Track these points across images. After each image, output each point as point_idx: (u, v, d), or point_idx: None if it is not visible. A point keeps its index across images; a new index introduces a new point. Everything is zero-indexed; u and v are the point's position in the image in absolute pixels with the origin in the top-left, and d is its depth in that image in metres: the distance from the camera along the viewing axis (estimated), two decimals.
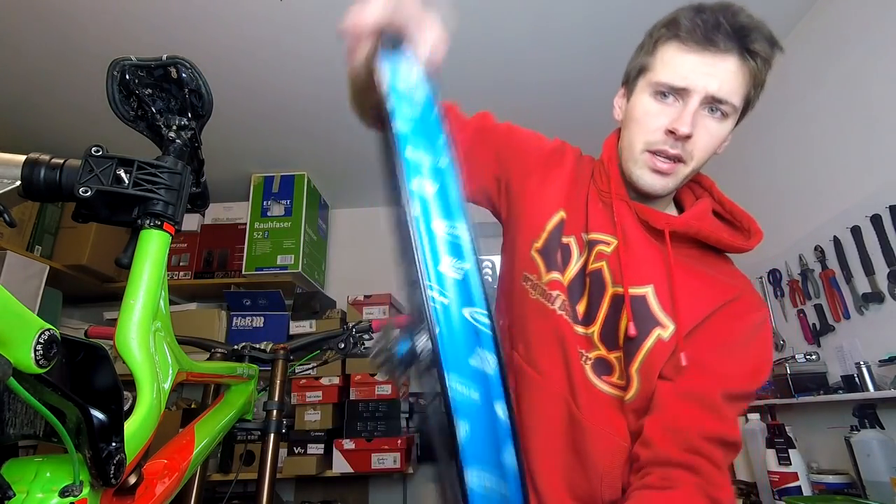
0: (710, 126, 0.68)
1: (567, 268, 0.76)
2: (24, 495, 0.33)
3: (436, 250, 0.28)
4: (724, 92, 0.66)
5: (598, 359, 0.72)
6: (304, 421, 2.25)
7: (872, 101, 1.49)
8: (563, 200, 0.80)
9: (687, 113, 0.66)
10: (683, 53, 0.67)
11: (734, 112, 0.68)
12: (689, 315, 0.69)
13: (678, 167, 0.70)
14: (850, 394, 1.41)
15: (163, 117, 0.58)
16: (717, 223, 0.77)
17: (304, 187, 2.73)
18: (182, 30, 1.79)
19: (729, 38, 0.65)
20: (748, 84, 0.68)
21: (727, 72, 0.66)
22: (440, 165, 0.30)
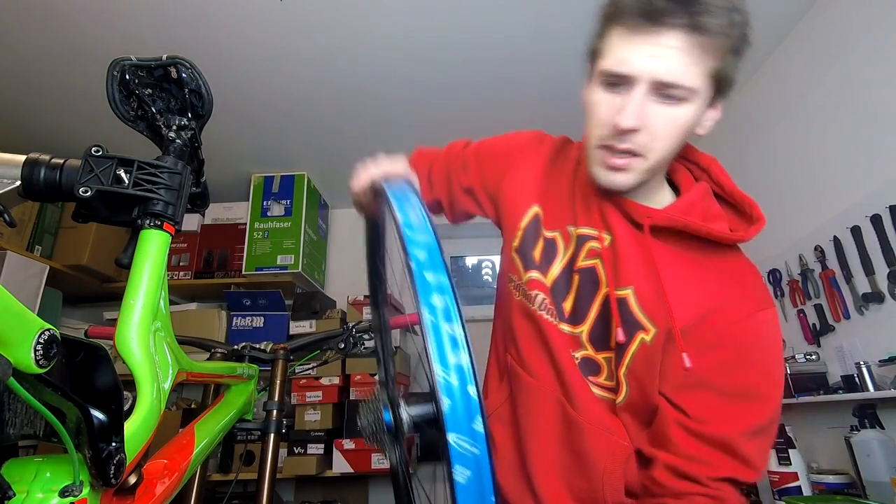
0: (666, 113, 0.60)
1: (552, 264, 0.73)
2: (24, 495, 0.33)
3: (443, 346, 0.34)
4: (673, 75, 0.58)
5: (585, 358, 0.70)
6: (304, 421, 2.25)
7: (872, 101, 1.49)
8: (536, 195, 0.77)
9: (631, 104, 0.59)
10: (627, 35, 0.60)
11: (693, 94, 0.60)
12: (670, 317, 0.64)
13: (634, 162, 0.63)
14: (850, 394, 1.41)
15: (163, 117, 0.58)
16: (715, 209, 0.70)
17: (304, 187, 2.73)
18: (182, 30, 1.79)
19: (672, 13, 0.56)
20: (707, 60, 0.58)
21: (674, 52, 0.57)
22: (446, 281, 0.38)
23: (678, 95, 0.59)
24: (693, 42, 0.57)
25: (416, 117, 2.36)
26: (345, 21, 1.77)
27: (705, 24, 0.56)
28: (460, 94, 2.18)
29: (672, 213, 0.66)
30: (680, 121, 0.61)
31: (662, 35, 0.57)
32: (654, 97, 0.60)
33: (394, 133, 2.48)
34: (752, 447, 0.61)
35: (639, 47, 0.58)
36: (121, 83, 0.57)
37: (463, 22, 1.76)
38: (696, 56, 0.58)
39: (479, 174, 0.85)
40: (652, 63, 0.58)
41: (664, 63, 0.58)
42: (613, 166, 0.64)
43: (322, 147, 2.58)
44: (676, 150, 0.65)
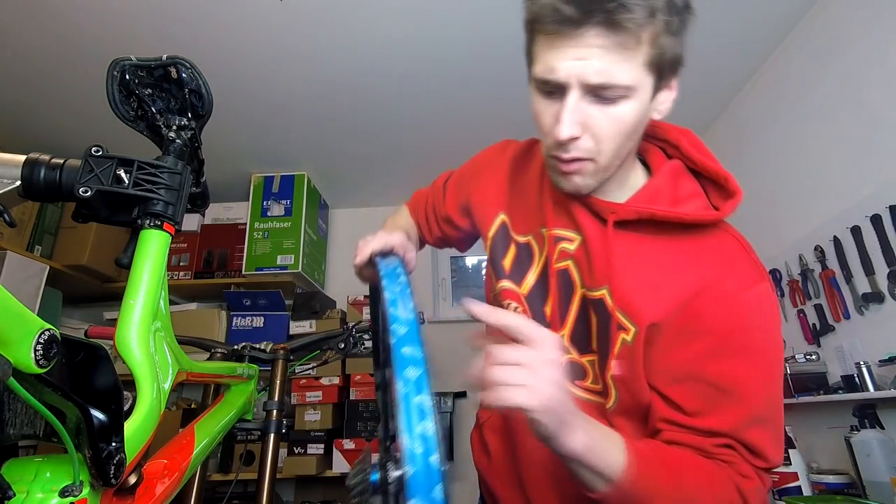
0: (606, 114, 0.57)
1: (528, 270, 0.72)
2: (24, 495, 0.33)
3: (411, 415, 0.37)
4: (602, 76, 0.54)
5: (569, 363, 0.68)
6: (304, 421, 2.25)
7: (872, 101, 1.49)
8: (502, 203, 0.77)
9: (565, 113, 0.57)
10: (550, 41, 0.56)
11: (630, 90, 0.56)
12: (647, 313, 0.61)
13: (585, 166, 0.61)
14: (850, 394, 1.41)
15: (163, 117, 0.58)
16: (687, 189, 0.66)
17: (304, 187, 2.73)
18: (182, 30, 1.79)
19: (587, 15, 0.53)
20: (636, 53, 0.55)
21: (598, 52, 0.54)
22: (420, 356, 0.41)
23: (614, 95, 0.56)
24: (615, 40, 0.54)
25: (416, 117, 2.36)
26: (345, 21, 1.77)
27: (622, 20, 0.53)
28: (460, 93, 2.18)
29: (637, 205, 0.64)
30: (623, 118, 0.58)
31: (583, 38, 0.54)
32: (589, 99, 0.57)
33: (394, 133, 2.48)
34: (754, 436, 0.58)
35: (562, 52, 0.56)
36: (121, 83, 0.57)
37: (463, 21, 1.76)
38: (622, 53, 0.54)
39: (453, 200, 0.88)
40: (578, 67, 0.55)
41: (590, 66, 0.55)
42: (566, 172, 0.62)
43: (322, 147, 2.59)
44: (631, 143, 0.62)
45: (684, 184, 0.66)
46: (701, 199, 0.65)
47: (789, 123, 1.87)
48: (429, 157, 2.70)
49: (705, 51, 1.94)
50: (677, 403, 0.60)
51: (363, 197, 3.12)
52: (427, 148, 2.62)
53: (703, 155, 0.67)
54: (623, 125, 0.58)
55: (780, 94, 1.94)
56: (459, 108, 2.28)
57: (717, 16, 1.77)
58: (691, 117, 2.42)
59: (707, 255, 0.62)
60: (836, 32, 1.65)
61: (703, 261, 0.62)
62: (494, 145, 0.87)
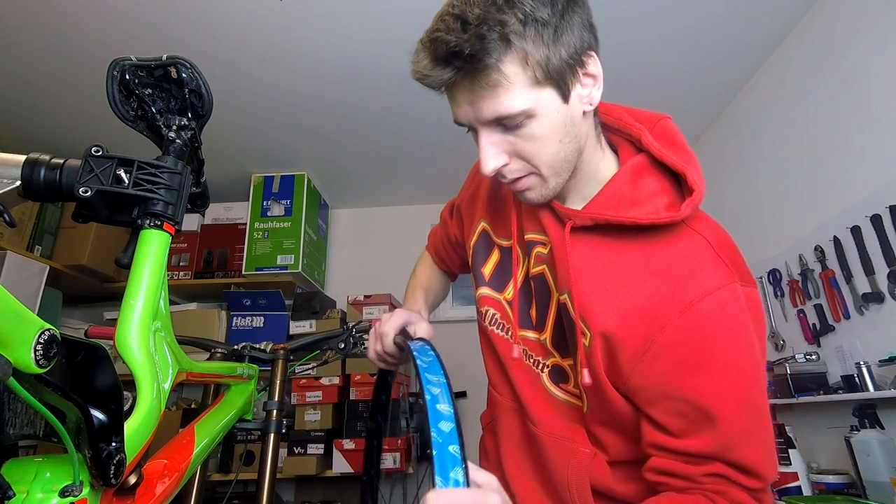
0: (522, 136, 0.57)
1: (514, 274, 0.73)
2: (24, 495, 0.33)
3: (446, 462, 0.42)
4: (493, 114, 0.55)
5: (555, 366, 0.69)
6: (304, 421, 2.25)
7: (872, 101, 1.49)
8: (483, 210, 0.80)
9: (482, 150, 0.58)
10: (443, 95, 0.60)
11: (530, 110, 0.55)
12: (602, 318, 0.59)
13: (529, 180, 0.61)
14: (850, 394, 1.41)
15: (163, 117, 0.58)
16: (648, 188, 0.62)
17: (304, 187, 2.73)
18: (182, 30, 1.79)
19: (450, 72, 0.54)
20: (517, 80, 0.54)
21: (478, 97, 0.55)
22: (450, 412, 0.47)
23: (515, 122, 0.56)
24: (485, 82, 0.53)
25: (416, 116, 2.36)
26: (345, 20, 1.77)
27: (481, 67, 0.52)
28: None
29: (592, 211, 0.62)
30: (542, 133, 0.57)
31: (457, 92, 0.57)
32: (499, 130, 0.58)
33: (394, 132, 2.48)
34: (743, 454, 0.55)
35: (454, 101, 0.59)
36: (121, 83, 0.57)
37: None
38: (496, 90, 0.54)
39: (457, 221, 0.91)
40: (469, 111, 0.57)
41: (478, 109, 0.56)
42: (518, 190, 0.63)
43: (322, 147, 2.59)
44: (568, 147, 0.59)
45: (645, 182, 0.63)
46: (664, 197, 0.61)
47: (789, 123, 1.87)
48: (429, 157, 2.70)
49: (705, 51, 1.94)
50: (661, 424, 0.59)
51: (363, 197, 3.12)
52: (427, 148, 2.62)
53: (668, 147, 0.63)
54: (542, 140, 0.57)
55: (779, 95, 1.94)
56: None
57: (718, 16, 1.77)
58: (691, 117, 2.42)
59: (667, 260, 0.59)
60: (835, 33, 1.65)
61: (662, 267, 0.59)
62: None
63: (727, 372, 0.55)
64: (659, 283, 0.58)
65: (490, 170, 0.59)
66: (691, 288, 0.56)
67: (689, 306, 0.55)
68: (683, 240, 0.60)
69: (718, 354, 0.55)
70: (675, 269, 0.58)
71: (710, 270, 0.57)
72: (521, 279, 0.72)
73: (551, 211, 0.67)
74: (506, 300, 0.74)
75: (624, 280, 0.60)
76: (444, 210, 0.97)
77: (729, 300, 0.56)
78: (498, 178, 0.63)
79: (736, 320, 0.56)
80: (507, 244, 0.75)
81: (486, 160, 0.59)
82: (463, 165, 0.92)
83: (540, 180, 0.61)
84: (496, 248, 0.77)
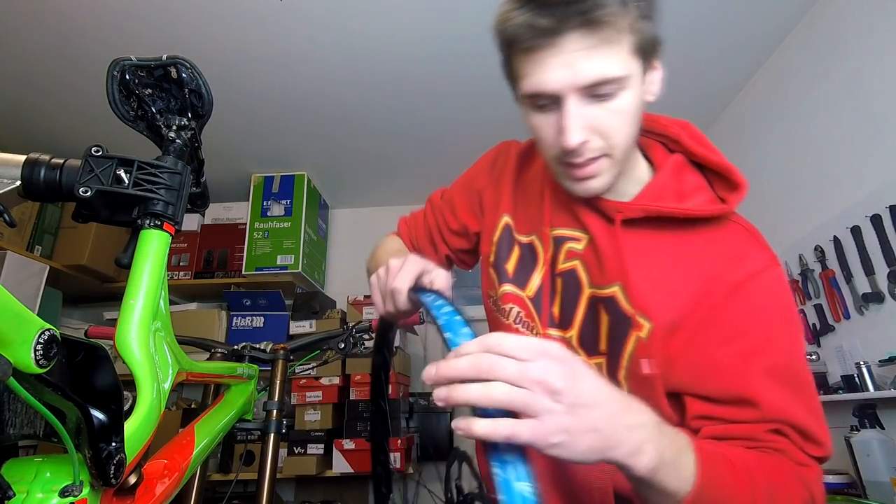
0: (609, 109, 0.57)
1: (533, 271, 0.71)
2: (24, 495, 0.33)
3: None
4: (593, 76, 0.54)
5: None
6: (304, 421, 2.25)
7: (872, 101, 1.49)
8: (507, 205, 0.77)
9: (567, 121, 0.56)
10: (529, 55, 0.56)
11: (623, 80, 0.56)
12: (661, 309, 0.60)
13: (601, 164, 0.60)
14: (850, 394, 1.41)
15: (163, 117, 0.58)
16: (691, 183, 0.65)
17: (304, 187, 2.73)
18: (182, 30, 1.79)
19: (562, 22, 0.53)
20: (620, 44, 0.54)
21: (583, 54, 0.54)
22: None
23: (610, 90, 0.56)
24: (597, 38, 0.53)
25: (416, 116, 2.36)
26: (344, 20, 1.77)
27: (599, 17, 0.52)
28: (461, 92, 2.18)
29: (644, 203, 0.64)
30: (625, 109, 0.58)
31: (565, 45, 0.54)
32: (587, 101, 0.57)
33: (394, 132, 2.48)
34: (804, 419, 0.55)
35: (546, 62, 0.55)
36: (121, 83, 0.57)
37: (463, 20, 1.76)
38: (606, 48, 0.54)
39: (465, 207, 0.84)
40: (567, 75, 0.55)
41: (579, 70, 0.54)
42: (582, 176, 0.61)
43: (322, 147, 2.59)
44: (636, 131, 0.62)
45: (688, 178, 0.66)
46: (706, 193, 0.65)
47: (789, 123, 1.87)
48: (429, 157, 2.70)
49: (706, 51, 1.94)
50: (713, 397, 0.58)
51: (363, 197, 3.12)
52: (427, 148, 2.62)
53: (705, 148, 0.66)
54: (626, 116, 0.58)
55: (780, 94, 1.94)
56: (460, 107, 2.28)
57: (718, 16, 1.77)
58: (691, 117, 2.40)
59: (715, 247, 0.62)
60: (836, 32, 1.65)
61: (711, 253, 0.62)
62: (496, 147, 0.86)
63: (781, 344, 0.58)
64: (709, 267, 0.61)
65: (576, 142, 0.56)
66: (740, 269, 0.60)
67: (739, 285, 0.59)
68: (729, 229, 0.64)
69: (771, 329, 0.58)
70: (724, 254, 0.61)
71: (756, 253, 0.62)
72: (543, 276, 0.71)
73: (589, 206, 0.67)
74: (528, 297, 0.71)
75: (675, 269, 0.62)
76: (436, 196, 0.91)
77: (776, 279, 0.61)
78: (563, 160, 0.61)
79: (783, 296, 0.61)
80: (527, 240, 0.73)
81: (574, 131, 0.56)
82: (463, 165, 0.91)
83: (610, 164, 0.61)
84: (517, 244, 0.74)
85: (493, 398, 0.37)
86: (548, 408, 0.37)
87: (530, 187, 0.76)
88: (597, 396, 0.39)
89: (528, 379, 0.37)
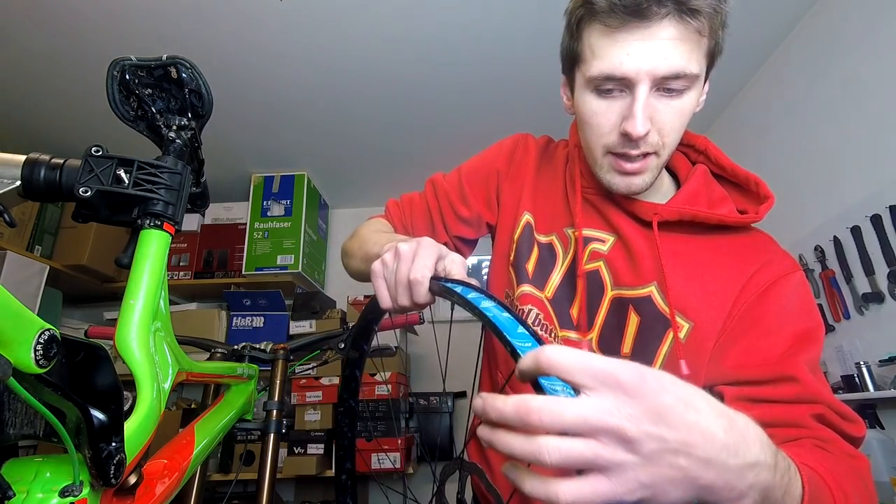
0: (672, 107, 0.57)
1: (552, 272, 0.70)
2: (24, 495, 0.33)
3: None
4: (675, 67, 0.53)
5: None
6: (304, 421, 2.25)
7: (872, 101, 1.49)
8: (528, 202, 0.75)
9: (637, 108, 0.55)
10: (611, 34, 0.54)
11: (695, 80, 0.56)
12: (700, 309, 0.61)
13: (649, 161, 0.60)
14: (850, 394, 1.41)
15: (163, 117, 0.58)
16: (717, 193, 0.67)
17: (304, 187, 2.74)
18: (182, 30, 1.79)
19: (658, 2, 0.51)
20: (702, 42, 0.55)
21: (670, 43, 0.53)
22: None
23: (681, 86, 0.56)
24: (687, 28, 0.52)
25: (416, 117, 2.36)
26: (345, 21, 1.77)
27: (696, 6, 0.51)
28: (459, 93, 2.18)
29: (679, 206, 0.64)
30: (686, 110, 0.58)
31: (653, 27, 0.52)
32: (656, 93, 0.56)
33: (394, 133, 2.48)
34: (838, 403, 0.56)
35: (630, 45, 0.53)
36: (121, 83, 0.57)
37: (462, 22, 1.76)
38: (693, 42, 0.53)
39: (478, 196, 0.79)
40: (649, 60, 0.53)
41: (662, 57, 0.53)
42: (629, 171, 0.60)
43: (322, 147, 2.59)
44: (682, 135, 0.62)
45: (715, 188, 0.68)
46: (731, 203, 0.66)
47: (789, 123, 1.87)
48: (429, 157, 2.70)
49: None
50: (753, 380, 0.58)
51: (363, 197, 3.12)
52: (427, 148, 2.62)
53: (730, 162, 0.68)
54: (685, 117, 0.59)
55: (780, 95, 1.94)
56: (460, 108, 2.28)
57: None
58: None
59: (745, 251, 0.64)
60: (836, 32, 1.65)
61: (743, 257, 0.63)
62: (508, 141, 0.82)
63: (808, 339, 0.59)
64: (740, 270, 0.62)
65: (643, 131, 0.55)
66: (769, 272, 0.62)
67: (771, 286, 0.61)
68: (754, 236, 0.67)
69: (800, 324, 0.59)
70: (755, 258, 0.63)
71: (782, 258, 0.64)
72: (562, 276, 0.69)
73: (619, 207, 0.67)
74: (547, 298, 0.70)
75: (710, 272, 0.63)
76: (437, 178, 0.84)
77: (802, 281, 0.63)
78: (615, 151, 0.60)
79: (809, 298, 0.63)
80: (546, 240, 0.72)
81: (642, 120, 0.55)
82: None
83: (657, 163, 0.61)
84: (536, 244, 0.72)
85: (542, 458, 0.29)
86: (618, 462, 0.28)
87: (552, 186, 0.75)
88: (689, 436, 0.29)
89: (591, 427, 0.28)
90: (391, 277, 0.53)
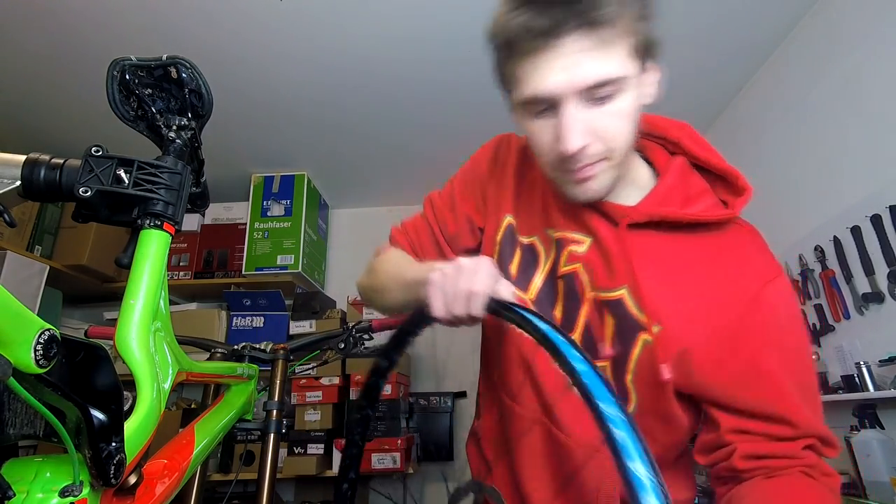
0: (607, 112, 0.56)
1: (534, 273, 0.70)
2: (24, 495, 0.33)
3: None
4: (593, 76, 0.53)
5: None
6: (304, 421, 2.25)
7: (872, 101, 1.49)
8: (509, 204, 0.75)
9: (566, 125, 0.55)
10: (527, 59, 0.55)
11: (622, 81, 0.55)
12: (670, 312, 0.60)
13: (599, 166, 0.59)
14: (850, 394, 1.41)
15: (163, 117, 0.58)
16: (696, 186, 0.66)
17: (304, 187, 2.74)
18: (182, 30, 1.79)
19: (562, 21, 0.52)
20: (619, 44, 0.54)
21: (583, 55, 0.53)
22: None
23: (609, 92, 0.55)
24: (596, 38, 0.53)
25: (416, 117, 2.36)
26: (345, 21, 1.77)
27: (597, 17, 0.52)
28: (460, 93, 2.18)
29: (648, 208, 0.63)
30: (624, 111, 0.57)
31: (565, 44, 0.53)
32: (586, 104, 0.56)
33: (394, 133, 2.48)
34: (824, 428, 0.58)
35: (546, 66, 0.54)
36: (121, 83, 0.57)
37: (462, 21, 1.76)
38: (605, 49, 0.53)
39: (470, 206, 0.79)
40: (567, 78, 0.54)
41: (579, 72, 0.53)
42: (581, 179, 0.60)
43: (322, 147, 2.59)
44: (636, 134, 0.61)
45: (693, 182, 0.66)
46: (710, 196, 0.65)
47: (789, 123, 1.87)
48: (429, 158, 2.70)
49: (705, 51, 1.94)
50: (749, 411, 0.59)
51: (363, 197, 3.12)
52: (427, 148, 2.62)
53: (706, 152, 0.66)
54: (625, 118, 0.58)
55: (779, 95, 1.94)
56: (460, 107, 2.28)
57: (718, 16, 1.77)
58: (691, 118, 2.40)
59: (725, 253, 0.63)
60: (836, 33, 1.65)
61: (720, 260, 0.62)
62: (495, 140, 0.82)
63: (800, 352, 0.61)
64: (721, 275, 0.61)
65: (576, 147, 0.55)
66: (751, 277, 0.61)
67: (753, 297, 0.60)
68: (733, 234, 0.65)
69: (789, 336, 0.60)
70: (733, 260, 0.62)
71: (763, 259, 0.63)
72: (544, 278, 0.69)
73: (595, 210, 0.66)
74: (530, 300, 0.70)
75: (685, 273, 0.62)
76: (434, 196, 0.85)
77: (785, 287, 0.62)
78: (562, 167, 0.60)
79: (794, 304, 0.63)
80: (528, 241, 0.72)
81: (574, 136, 0.55)
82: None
83: (609, 167, 0.60)
84: (518, 246, 0.73)
85: None
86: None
87: (532, 187, 0.75)
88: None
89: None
90: (450, 289, 0.54)
